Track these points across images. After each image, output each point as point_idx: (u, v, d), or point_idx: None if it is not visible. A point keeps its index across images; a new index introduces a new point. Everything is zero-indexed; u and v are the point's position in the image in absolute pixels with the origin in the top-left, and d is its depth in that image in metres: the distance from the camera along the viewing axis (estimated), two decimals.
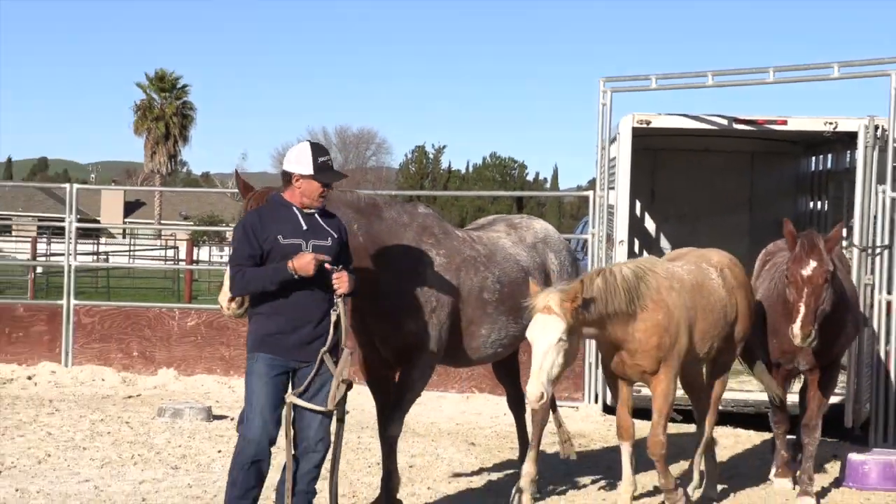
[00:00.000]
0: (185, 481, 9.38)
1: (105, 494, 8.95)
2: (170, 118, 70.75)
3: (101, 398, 13.84)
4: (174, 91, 72.04)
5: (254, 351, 6.87)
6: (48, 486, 9.19)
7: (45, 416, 12.41)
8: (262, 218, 6.89)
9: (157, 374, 15.13)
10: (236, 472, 6.86)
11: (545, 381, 7.29)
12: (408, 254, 8.03)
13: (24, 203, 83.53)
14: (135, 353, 15.41)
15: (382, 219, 8.03)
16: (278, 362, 6.88)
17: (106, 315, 15.66)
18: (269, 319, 6.86)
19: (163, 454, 10.62)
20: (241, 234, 6.86)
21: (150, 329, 15.46)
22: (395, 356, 8.07)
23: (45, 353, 15.42)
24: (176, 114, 71.20)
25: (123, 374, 15.08)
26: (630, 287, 7.90)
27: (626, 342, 8.04)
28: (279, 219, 6.86)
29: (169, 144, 70.94)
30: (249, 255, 6.81)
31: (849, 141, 13.33)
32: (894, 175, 12.21)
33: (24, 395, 13.83)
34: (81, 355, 15.37)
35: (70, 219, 15.94)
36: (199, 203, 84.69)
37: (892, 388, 12.07)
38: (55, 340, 15.43)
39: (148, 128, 70.72)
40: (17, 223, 32.91)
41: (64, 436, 11.36)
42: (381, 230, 7.95)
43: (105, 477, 9.59)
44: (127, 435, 11.49)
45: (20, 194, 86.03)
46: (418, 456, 10.80)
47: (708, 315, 8.60)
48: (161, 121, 70.53)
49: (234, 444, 7.06)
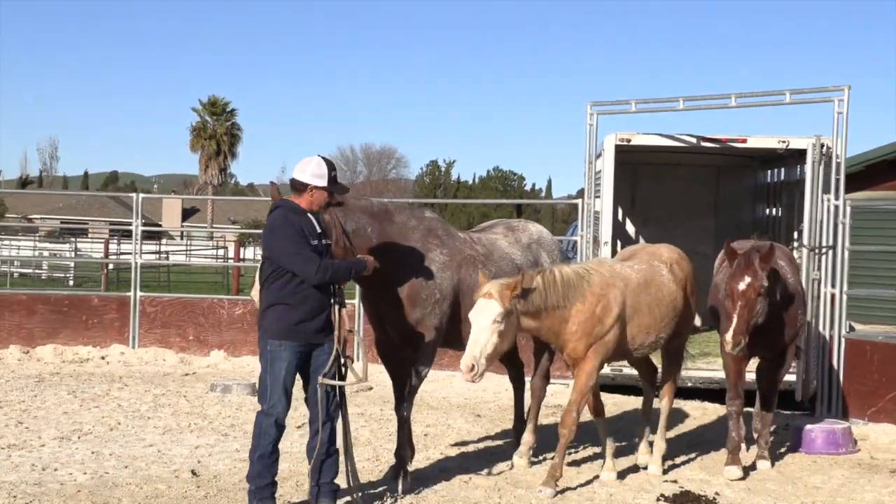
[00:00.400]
0: (234, 446, 9.42)
1: (166, 457, 8.99)
2: (220, 137, 70.69)
3: (163, 375, 13.88)
4: (224, 114, 71.95)
5: (281, 339, 6.94)
6: (118, 449, 9.24)
7: (115, 390, 12.47)
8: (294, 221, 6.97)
9: (210, 356, 15.18)
10: (266, 441, 6.97)
11: (477, 355, 7.27)
12: (415, 252, 8.03)
13: (98, 210, 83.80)
14: (191, 338, 15.46)
15: (393, 222, 8.04)
16: (301, 348, 7.00)
17: (166, 305, 15.71)
18: (293, 311, 6.93)
19: (214, 423, 10.66)
20: (292, 231, 6.90)
21: (203, 317, 15.51)
22: (402, 339, 8.08)
23: (115, 337, 15.47)
24: (226, 133, 71.12)
25: (181, 355, 15.14)
26: (567, 283, 7.84)
27: (562, 334, 7.94)
28: (303, 223, 6.98)
29: (219, 159, 70.88)
30: (311, 247, 6.92)
31: (799, 157, 13.32)
32: (837, 186, 12.23)
33: (98, 373, 13.90)
34: (146, 339, 15.43)
35: (136, 223, 16.02)
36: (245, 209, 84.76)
37: (835, 368, 12.07)
38: (124, 326, 15.48)
39: (202, 145, 70.68)
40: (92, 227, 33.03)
41: (131, 407, 11.41)
42: (392, 232, 7.97)
43: (166, 442, 9.64)
44: (184, 407, 11.54)
45: (95, 202, 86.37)
46: (432, 426, 10.81)
47: (655, 310, 8.49)
48: (213, 139, 70.48)
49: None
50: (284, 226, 6.93)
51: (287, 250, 6.87)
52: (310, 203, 7.04)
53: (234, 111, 72.71)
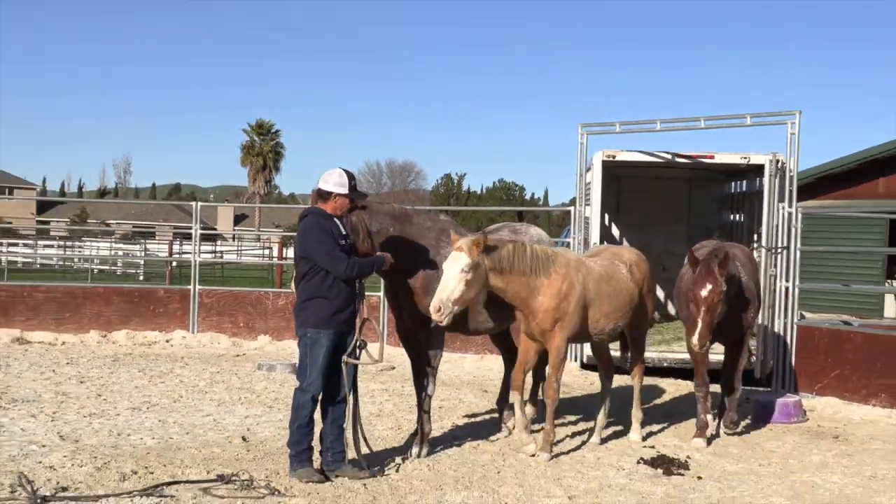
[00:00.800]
0: (278, 417, 9.47)
1: (221, 425, 9.06)
2: (266, 154, 70.77)
3: (217, 356, 13.95)
4: (269, 134, 72.02)
5: (321, 328, 7.01)
6: (181, 418, 9.31)
7: (178, 368, 12.54)
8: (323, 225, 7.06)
9: (257, 340, 15.23)
10: (304, 413, 7.03)
11: (445, 299, 7.23)
12: (429, 249, 8.06)
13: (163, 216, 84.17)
14: (241, 324, 15.52)
15: (412, 223, 8.07)
16: (335, 336, 7.07)
17: (221, 297, 15.79)
18: (331, 303, 7.02)
19: (261, 397, 10.71)
20: (324, 234, 7.00)
21: (251, 307, 15.57)
22: (415, 324, 8.07)
23: (178, 324, 15.55)
24: (271, 151, 71.20)
25: (233, 339, 15.20)
26: (535, 257, 7.79)
27: (530, 302, 7.83)
28: (331, 226, 7.09)
29: (265, 173, 70.96)
30: (339, 247, 7.00)
31: (758, 171, 13.28)
32: (790, 196, 12.23)
33: (164, 354, 13.98)
34: (203, 325, 15.50)
35: (195, 227, 16.09)
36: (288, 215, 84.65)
37: (788, 350, 12.07)
38: (185, 314, 15.56)
39: (251, 161, 70.80)
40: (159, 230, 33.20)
41: (191, 383, 11.48)
42: (410, 232, 8.00)
43: (220, 412, 9.71)
44: (236, 383, 11.60)
45: (161, 210, 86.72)
46: (445, 400, 10.84)
47: (613, 300, 8.39)
48: (260, 156, 70.56)
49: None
50: (317, 229, 7.00)
51: (321, 251, 6.95)
52: (334, 208, 7.15)
53: (278, 132, 72.89)
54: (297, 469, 6.99)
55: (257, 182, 71.08)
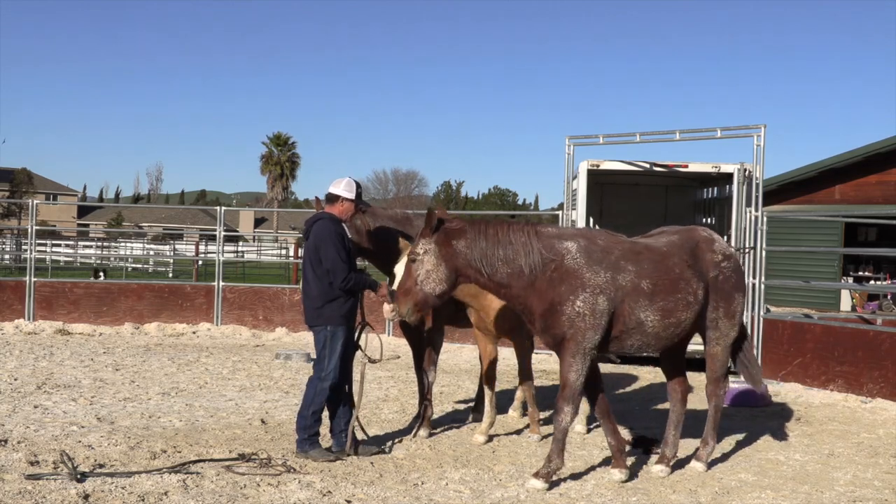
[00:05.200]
0: (294, 401, 9.42)
1: (242, 409, 9.03)
2: (283, 164, 70.67)
3: (239, 346, 13.93)
4: (286, 146, 71.87)
5: (339, 325, 6.98)
6: (206, 402, 9.29)
7: (203, 357, 12.52)
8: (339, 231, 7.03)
9: (275, 332, 15.21)
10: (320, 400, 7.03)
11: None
12: None
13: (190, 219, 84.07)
14: (260, 317, 15.50)
15: (412, 226, 8.04)
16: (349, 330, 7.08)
17: (242, 292, 15.77)
18: (346, 302, 7.01)
19: (279, 383, 10.69)
20: (340, 242, 6.93)
21: (270, 301, 15.56)
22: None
23: (203, 317, 15.54)
24: (287, 161, 71.08)
25: (253, 331, 15.18)
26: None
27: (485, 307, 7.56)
28: (343, 231, 7.07)
29: (283, 181, 70.86)
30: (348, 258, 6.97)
31: (728, 178, 13.27)
32: (757, 201, 12.22)
33: (191, 344, 13.96)
34: (226, 318, 15.48)
35: (219, 230, 16.07)
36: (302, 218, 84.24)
37: (755, 340, 12.04)
38: (210, 308, 15.54)
39: (269, 170, 70.69)
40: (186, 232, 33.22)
41: (216, 370, 11.46)
42: (411, 233, 7.97)
43: (242, 397, 9.68)
44: (255, 370, 11.58)
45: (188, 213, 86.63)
46: (445, 386, 10.83)
47: None
48: (278, 165, 70.47)
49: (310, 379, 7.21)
50: (334, 236, 6.95)
51: (335, 258, 6.90)
52: (341, 211, 7.13)
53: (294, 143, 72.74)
54: (310, 451, 6.96)
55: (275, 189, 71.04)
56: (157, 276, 32.59)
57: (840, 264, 22.23)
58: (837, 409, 10.05)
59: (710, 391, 7.23)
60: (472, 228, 6.42)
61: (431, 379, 8.15)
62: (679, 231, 7.13)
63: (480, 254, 6.35)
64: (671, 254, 6.75)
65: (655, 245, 6.81)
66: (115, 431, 7.64)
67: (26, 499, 5.60)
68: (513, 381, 10.02)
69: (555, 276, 6.32)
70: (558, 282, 6.30)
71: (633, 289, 6.43)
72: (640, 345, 6.66)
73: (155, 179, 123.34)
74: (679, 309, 6.62)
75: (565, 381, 6.39)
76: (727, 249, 7.15)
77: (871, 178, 21.80)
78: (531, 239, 6.40)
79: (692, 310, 6.72)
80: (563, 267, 6.33)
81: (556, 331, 6.35)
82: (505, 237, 6.39)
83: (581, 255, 6.38)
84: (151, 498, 5.76)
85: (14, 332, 14.41)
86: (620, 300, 6.39)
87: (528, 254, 6.34)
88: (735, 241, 12.28)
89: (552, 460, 6.43)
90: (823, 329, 11.38)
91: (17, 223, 57.83)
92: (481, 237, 6.38)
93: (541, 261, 6.34)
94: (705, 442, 7.24)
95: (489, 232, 6.40)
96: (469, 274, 6.42)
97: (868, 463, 7.57)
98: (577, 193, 13.46)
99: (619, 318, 6.42)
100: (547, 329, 6.39)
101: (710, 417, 7.24)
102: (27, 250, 17.69)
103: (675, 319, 6.63)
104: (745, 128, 12.40)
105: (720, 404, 7.28)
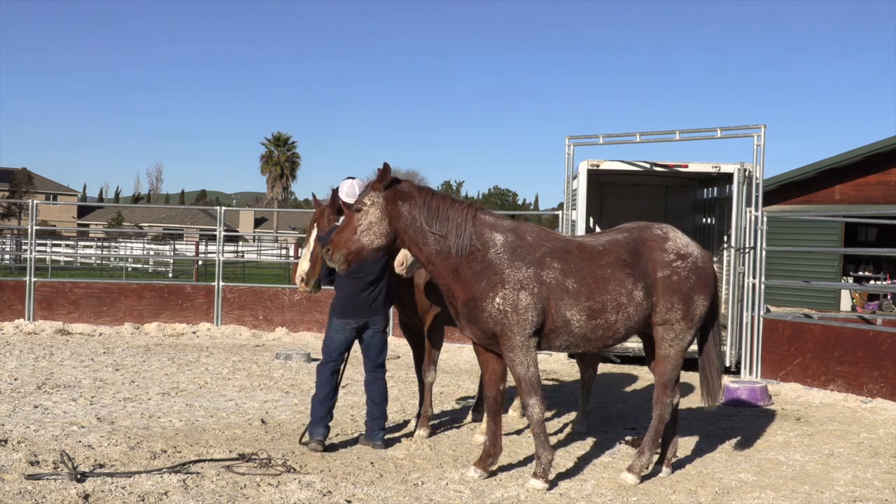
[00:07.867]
0: (294, 401, 9.46)
1: (242, 409, 9.04)
2: (283, 164, 70.66)
3: (239, 346, 13.93)
4: (286, 146, 71.87)
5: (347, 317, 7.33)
6: (206, 402, 9.29)
7: (203, 357, 12.52)
8: None
9: (275, 331, 15.21)
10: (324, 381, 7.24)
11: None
12: None
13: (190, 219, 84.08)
14: (260, 317, 15.50)
15: None
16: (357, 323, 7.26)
17: (242, 292, 15.76)
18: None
19: (279, 383, 10.69)
20: None
21: (270, 301, 15.55)
22: (416, 317, 8.06)
23: (203, 317, 15.54)
24: (287, 160, 71.08)
25: (253, 331, 15.17)
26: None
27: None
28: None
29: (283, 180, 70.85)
30: None
31: (728, 178, 13.27)
32: (757, 201, 12.20)
33: (191, 344, 13.96)
34: (226, 318, 15.48)
35: (219, 229, 16.07)
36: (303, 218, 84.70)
37: (755, 340, 12.04)
38: (210, 308, 15.54)
39: (269, 170, 70.69)
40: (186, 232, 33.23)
41: (216, 370, 11.46)
42: None
43: (242, 397, 9.69)
44: (255, 370, 11.58)
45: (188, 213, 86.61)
46: (445, 386, 10.83)
47: None
48: (278, 165, 70.46)
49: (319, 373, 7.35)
50: None
51: None
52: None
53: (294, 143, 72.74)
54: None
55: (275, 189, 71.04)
56: (157, 276, 32.58)
57: (840, 264, 22.25)
58: (837, 409, 10.05)
59: (656, 397, 6.70)
60: (420, 195, 6.21)
61: (431, 379, 8.15)
62: (630, 229, 6.81)
63: (419, 223, 6.14)
64: (605, 252, 6.44)
65: (589, 243, 6.52)
66: (115, 431, 7.64)
67: (26, 499, 5.60)
68: (512, 381, 9.98)
69: (478, 268, 6.12)
70: (481, 275, 6.11)
71: (557, 286, 6.18)
72: (568, 345, 6.41)
73: (155, 179, 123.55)
74: (608, 310, 6.29)
75: (517, 377, 6.30)
76: (683, 248, 6.66)
77: (871, 178, 21.84)
78: (467, 221, 6.19)
79: (625, 311, 6.35)
80: (486, 260, 6.13)
81: (482, 325, 6.19)
82: (444, 212, 6.17)
83: (505, 251, 6.17)
84: (151, 498, 5.77)
85: (14, 332, 14.42)
86: (546, 297, 6.16)
87: (459, 235, 6.13)
88: (735, 241, 12.28)
89: (541, 456, 6.39)
90: (823, 329, 11.38)
91: (17, 223, 57.85)
92: (425, 207, 6.17)
93: (468, 246, 6.14)
94: (641, 452, 6.71)
95: (433, 203, 6.19)
96: (405, 240, 6.21)
97: (868, 463, 7.58)
98: (577, 193, 13.46)
99: (547, 316, 6.20)
100: (471, 322, 6.22)
101: (651, 427, 6.73)
102: (27, 250, 17.69)
103: (604, 321, 6.31)
104: (745, 128, 12.39)
105: (665, 414, 6.71)
